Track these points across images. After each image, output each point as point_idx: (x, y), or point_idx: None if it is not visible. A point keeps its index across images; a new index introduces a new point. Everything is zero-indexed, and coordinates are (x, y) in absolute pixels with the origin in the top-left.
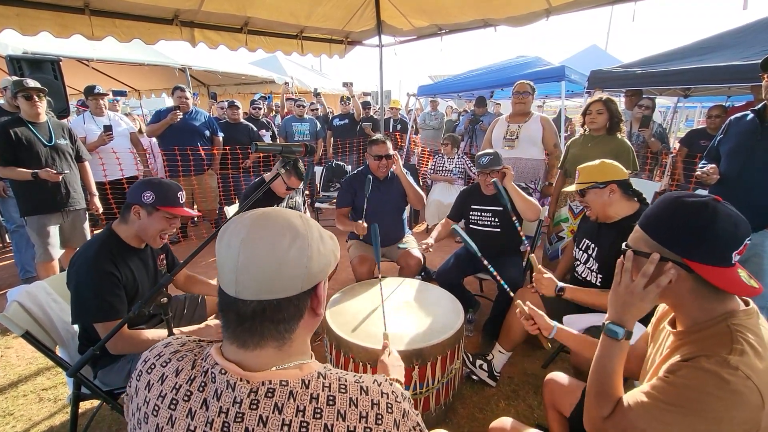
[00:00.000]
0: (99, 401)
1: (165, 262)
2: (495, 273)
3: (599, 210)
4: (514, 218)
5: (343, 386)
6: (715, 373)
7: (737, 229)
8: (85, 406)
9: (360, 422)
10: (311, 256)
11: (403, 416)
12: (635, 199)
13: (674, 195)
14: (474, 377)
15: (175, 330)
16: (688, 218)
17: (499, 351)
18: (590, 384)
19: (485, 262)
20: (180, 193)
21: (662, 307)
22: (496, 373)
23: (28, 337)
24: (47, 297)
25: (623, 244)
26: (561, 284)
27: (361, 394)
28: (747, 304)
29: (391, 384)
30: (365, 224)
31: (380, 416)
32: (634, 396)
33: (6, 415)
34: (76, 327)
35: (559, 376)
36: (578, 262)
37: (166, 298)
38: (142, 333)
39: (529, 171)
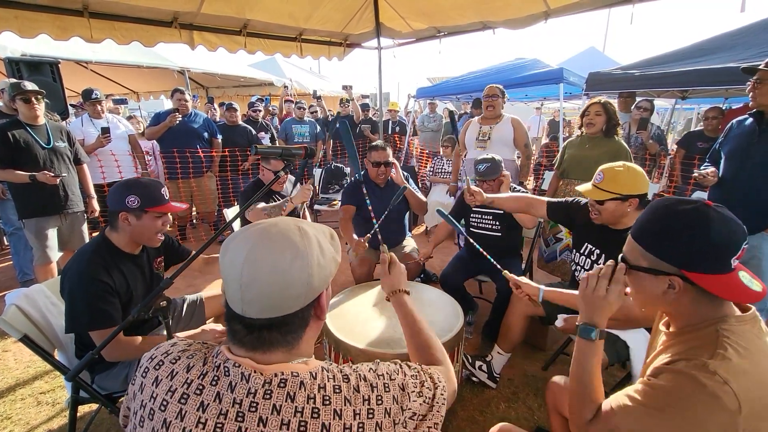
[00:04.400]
0: (97, 405)
1: (163, 264)
2: (485, 254)
3: (610, 218)
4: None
5: (346, 377)
6: (693, 377)
7: (734, 234)
8: (83, 409)
9: (363, 404)
10: (312, 273)
11: (402, 389)
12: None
13: (664, 204)
14: (474, 379)
15: (174, 335)
16: (683, 229)
17: (498, 352)
18: (571, 387)
19: (477, 246)
20: (162, 189)
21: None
22: (495, 375)
23: (26, 340)
24: (46, 300)
25: (619, 257)
26: (542, 288)
27: (361, 381)
28: (746, 310)
29: (386, 365)
30: (365, 243)
31: (380, 397)
32: (617, 399)
33: (4, 419)
34: None
35: (562, 379)
36: (579, 268)
37: (165, 302)
38: (138, 340)
39: None
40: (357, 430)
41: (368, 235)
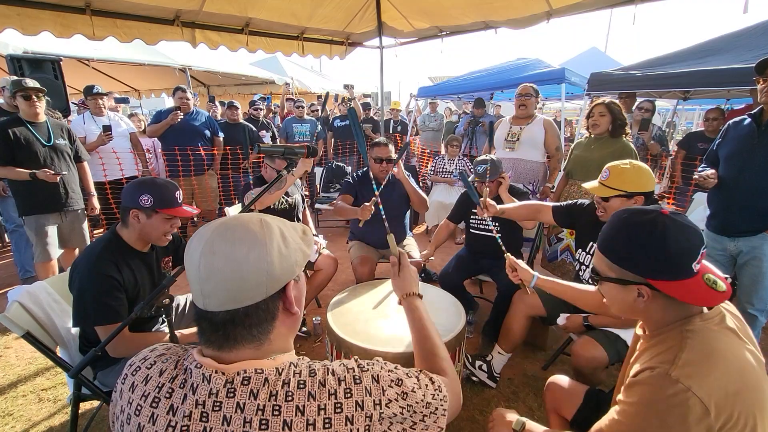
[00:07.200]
0: (99, 402)
1: (171, 264)
2: (494, 231)
3: None
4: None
5: (313, 371)
6: (659, 388)
7: (691, 242)
8: (84, 406)
9: (330, 399)
10: (272, 261)
11: (374, 381)
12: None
13: (623, 216)
14: (474, 378)
15: (176, 332)
16: (643, 241)
17: (498, 352)
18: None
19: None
20: (177, 192)
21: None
22: (495, 374)
23: (29, 337)
24: (48, 297)
25: (590, 269)
26: (536, 275)
27: (328, 375)
28: (710, 306)
29: (356, 360)
30: (371, 207)
31: (348, 390)
32: (607, 417)
33: (5, 415)
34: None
35: (561, 380)
36: (585, 267)
37: (168, 299)
38: (143, 336)
39: (529, 173)
40: (323, 424)
41: (374, 198)
